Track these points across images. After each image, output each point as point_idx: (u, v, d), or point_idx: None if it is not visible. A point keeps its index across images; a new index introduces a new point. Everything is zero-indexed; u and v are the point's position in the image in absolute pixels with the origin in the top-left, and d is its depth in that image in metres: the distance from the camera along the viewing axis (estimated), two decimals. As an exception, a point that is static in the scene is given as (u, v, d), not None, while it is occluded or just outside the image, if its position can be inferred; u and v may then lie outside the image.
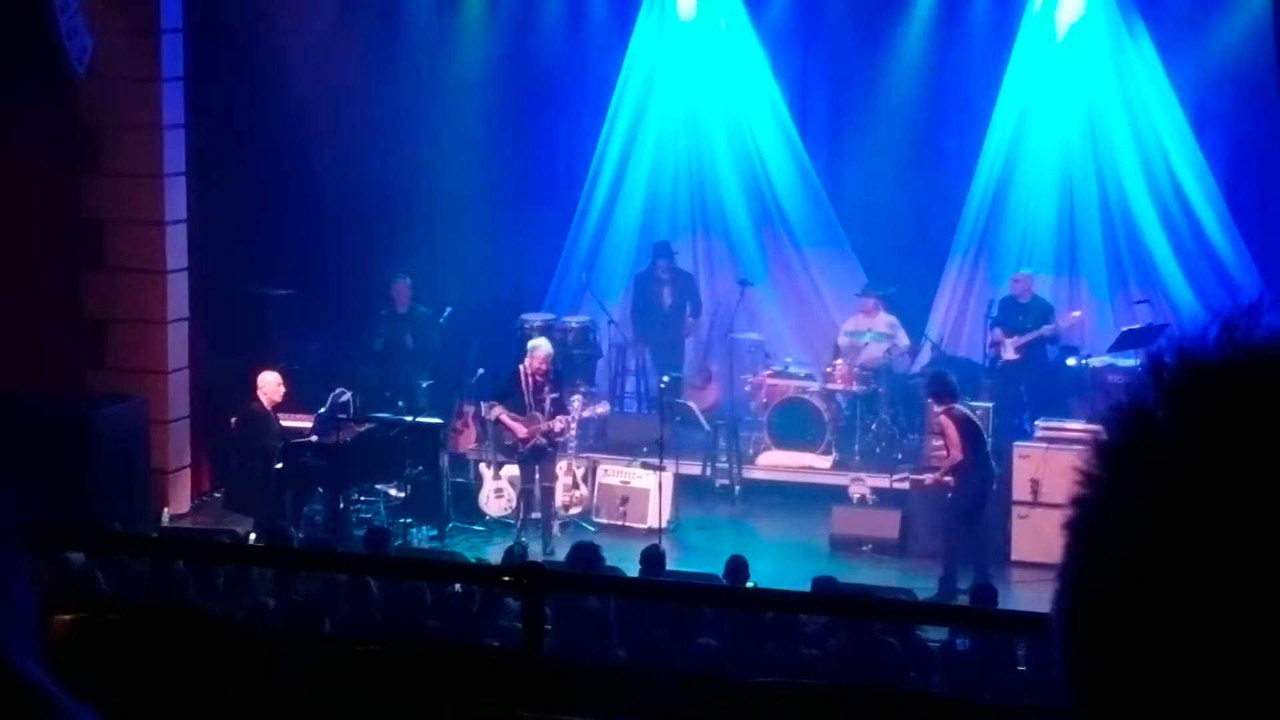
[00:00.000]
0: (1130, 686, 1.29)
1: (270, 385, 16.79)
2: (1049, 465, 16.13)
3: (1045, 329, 18.19)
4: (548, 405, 16.95)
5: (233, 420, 17.08)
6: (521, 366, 17.08)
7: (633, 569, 13.09)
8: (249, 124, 18.79)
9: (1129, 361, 17.46)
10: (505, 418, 17.02)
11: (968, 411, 15.89)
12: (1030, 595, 14.48)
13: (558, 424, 16.95)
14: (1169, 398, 1.30)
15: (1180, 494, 1.27)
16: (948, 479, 15.81)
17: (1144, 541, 1.28)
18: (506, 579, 7.17)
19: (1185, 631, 1.26)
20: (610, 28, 20.10)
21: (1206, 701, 1.25)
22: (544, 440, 16.96)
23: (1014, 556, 16.01)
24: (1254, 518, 1.25)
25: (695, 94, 19.96)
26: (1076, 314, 18.89)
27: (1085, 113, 19.01)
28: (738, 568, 12.57)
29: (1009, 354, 18.14)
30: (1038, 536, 15.72)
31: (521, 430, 16.94)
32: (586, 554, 12.99)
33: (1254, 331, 1.32)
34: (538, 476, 17.05)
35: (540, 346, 17.26)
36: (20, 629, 1.53)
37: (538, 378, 16.98)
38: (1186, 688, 1.26)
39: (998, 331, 18.31)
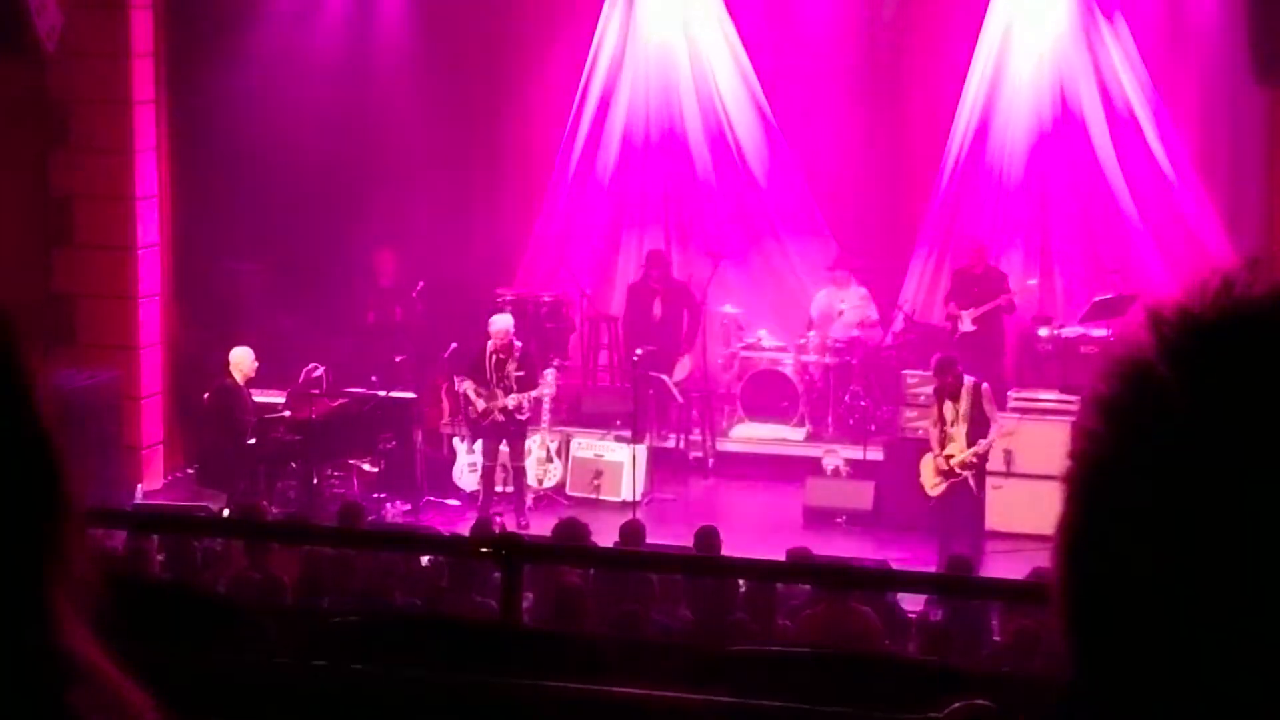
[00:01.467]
0: (1131, 639, 1.29)
1: (244, 361, 16.76)
2: (1022, 436, 16.15)
3: (1001, 299, 18.20)
4: (511, 383, 16.89)
5: (205, 396, 17.05)
6: (489, 343, 17.07)
7: (607, 543, 13.06)
8: (220, 99, 18.72)
9: (1101, 332, 17.51)
10: (470, 392, 17.02)
11: None
12: (1005, 565, 14.55)
13: (512, 401, 16.87)
14: (1170, 352, 1.30)
15: (1183, 446, 1.27)
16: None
17: (1147, 494, 1.28)
18: (484, 550, 7.20)
19: (1188, 582, 1.26)
20: (588, 9, 20.04)
21: (1209, 652, 1.25)
22: (502, 417, 16.91)
23: (988, 526, 16.02)
24: (1256, 467, 1.25)
25: (667, 66, 19.93)
26: (1032, 282, 18.92)
27: (1055, 83, 19.02)
28: (708, 538, 12.51)
29: (966, 325, 18.16)
30: (1011, 507, 15.75)
31: (480, 405, 16.94)
32: (572, 531, 12.90)
33: (1253, 287, 1.32)
34: (506, 454, 17.01)
35: (496, 323, 17.17)
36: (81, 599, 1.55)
37: (500, 355, 16.94)
38: (1189, 639, 1.26)
39: (952, 305, 18.32)
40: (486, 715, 4.42)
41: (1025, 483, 15.74)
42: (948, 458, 15.55)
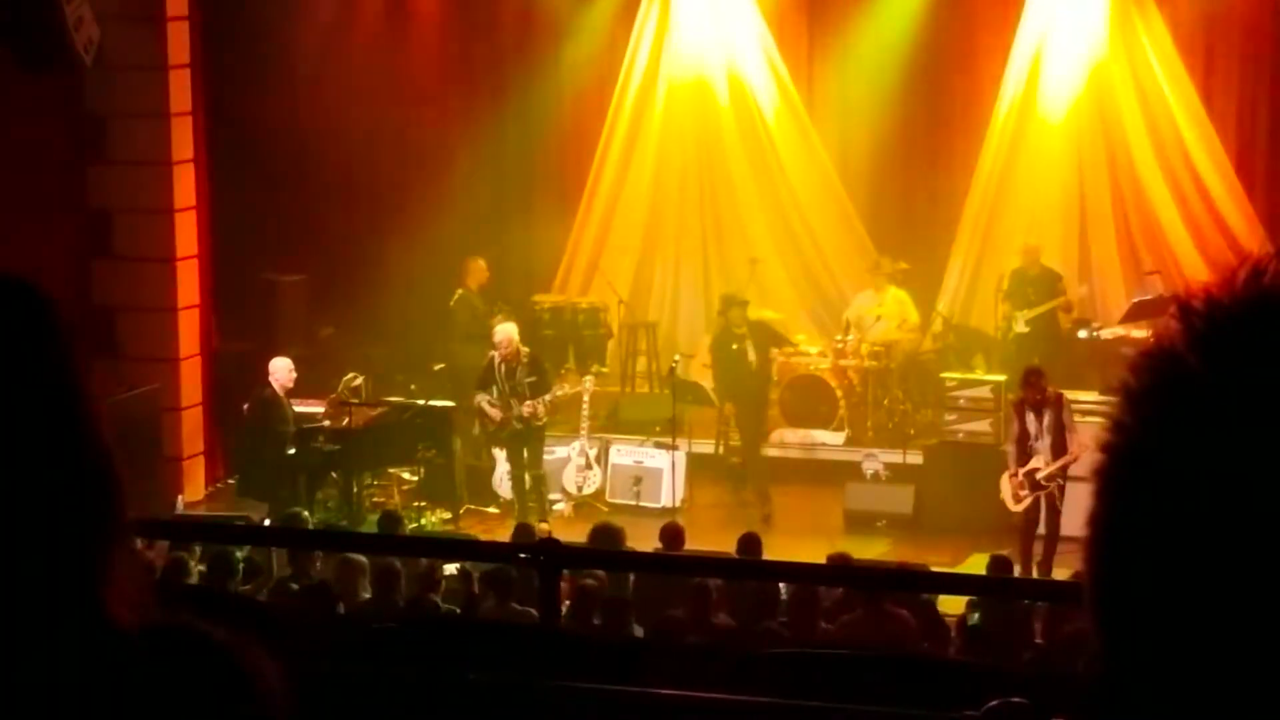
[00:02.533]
0: (1160, 633, 1.29)
1: (282, 371, 16.76)
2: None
3: (1057, 300, 18.16)
4: (524, 390, 16.85)
5: (245, 407, 17.07)
6: (495, 354, 17.02)
7: (647, 549, 13.03)
8: (258, 110, 18.80)
9: (1141, 333, 17.43)
10: (485, 405, 16.99)
11: None
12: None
13: (527, 408, 16.84)
14: (1198, 341, 1.30)
15: (1212, 435, 1.26)
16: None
17: (1176, 484, 1.27)
18: (523, 555, 7.20)
19: (1218, 574, 1.25)
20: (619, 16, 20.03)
21: (1240, 646, 1.25)
22: (519, 425, 16.87)
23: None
24: None
25: (703, 70, 19.92)
26: (1084, 289, 18.82)
27: (1092, 83, 18.97)
28: (750, 545, 12.50)
29: (1019, 326, 18.13)
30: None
31: (497, 416, 16.91)
32: (608, 537, 12.90)
33: (1283, 275, 1.32)
34: (527, 462, 16.99)
35: (499, 332, 17.11)
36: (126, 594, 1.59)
37: (510, 363, 16.90)
38: (1219, 632, 1.25)
39: (1007, 305, 18.30)
40: (526, 717, 4.44)
41: (1072, 485, 15.61)
42: (1031, 472, 15.29)
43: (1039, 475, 15.11)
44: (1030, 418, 15.15)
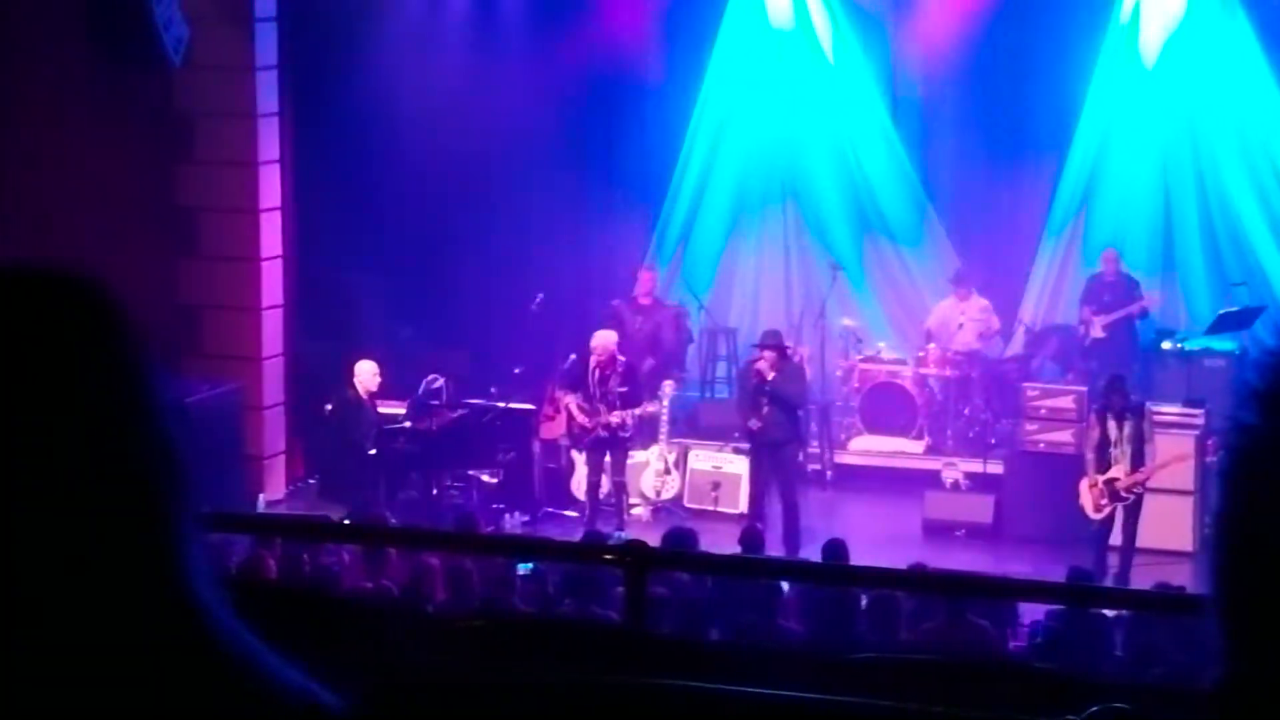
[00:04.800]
0: None
1: (366, 374, 16.88)
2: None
3: (1132, 306, 18.07)
4: (614, 398, 16.85)
5: (328, 407, 17.18)
6: (592, 358, 17.06)
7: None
8: (342, 112, 18.88)
9: (1226, 345, 17.29)
10: (573, 407, 17.01)
11: None
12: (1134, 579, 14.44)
13: (615, 418, 16.84)
14: None
15: None
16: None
17: None
18: (609, 557, 7.22)
19: None
20: (703, 18, 19.97)
21: None
22: (605, 433, 16.87)
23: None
24: None
25: (787, 81, 19.85)
26: (1155, 294, 18.64)
27: (1181, 94, 18.81)
28: (837, 550, 12.48)
29: (1096, 332, 18.07)
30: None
31: (584, 421, 16.93)
32: (681, 540, 12.92)
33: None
34: (609, 470, 16.99)
35: (598, 337, 17.16)
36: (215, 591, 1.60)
37: (604, 370, 16.91)
38: None
39: (1085, 310, 18.24)
40: (610, 716, 4.44)
41: (1149, 497, 15.51)
42: (1111, 480, 15.21)
43: (1118, 485, 15.06)
44: (1111, 425, 15.11)
